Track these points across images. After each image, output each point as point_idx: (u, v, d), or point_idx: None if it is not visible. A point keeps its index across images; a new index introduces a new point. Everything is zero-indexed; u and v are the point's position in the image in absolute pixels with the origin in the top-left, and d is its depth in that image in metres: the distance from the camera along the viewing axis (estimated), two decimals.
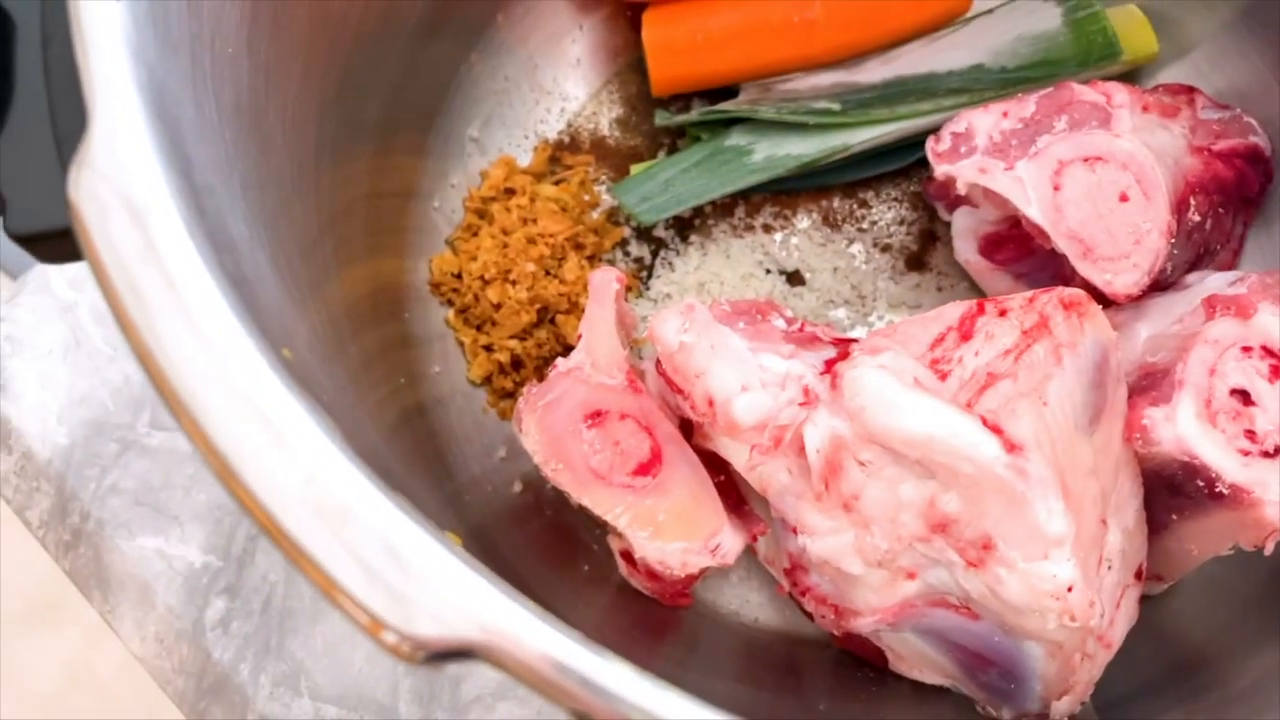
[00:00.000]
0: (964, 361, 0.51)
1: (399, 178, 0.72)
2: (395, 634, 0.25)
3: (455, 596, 0.26)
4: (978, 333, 0.52)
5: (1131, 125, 0.65)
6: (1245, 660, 0.63)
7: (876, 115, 0.74)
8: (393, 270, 0.71)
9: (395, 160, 0.71)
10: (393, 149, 0.70)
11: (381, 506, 0.27)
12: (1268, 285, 0.59)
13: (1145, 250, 0.63)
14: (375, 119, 0.65)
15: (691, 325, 0.58)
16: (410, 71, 0.70)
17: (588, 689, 0.25)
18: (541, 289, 0.73)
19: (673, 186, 0.75)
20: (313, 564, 0.25)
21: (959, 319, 0.52)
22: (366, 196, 0.65)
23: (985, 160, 0.66)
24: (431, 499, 0.63)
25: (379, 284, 0.68)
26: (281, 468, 0.26)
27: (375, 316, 0.66)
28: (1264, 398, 0.55)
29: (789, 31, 0.76)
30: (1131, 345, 0.63)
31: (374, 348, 0.63)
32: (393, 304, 0.70)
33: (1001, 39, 0.74)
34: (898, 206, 0.79)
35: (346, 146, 0.61)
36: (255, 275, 0.35)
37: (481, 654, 0.25)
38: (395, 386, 0.66)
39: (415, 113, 0.73)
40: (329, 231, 0.56)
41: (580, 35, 0.81)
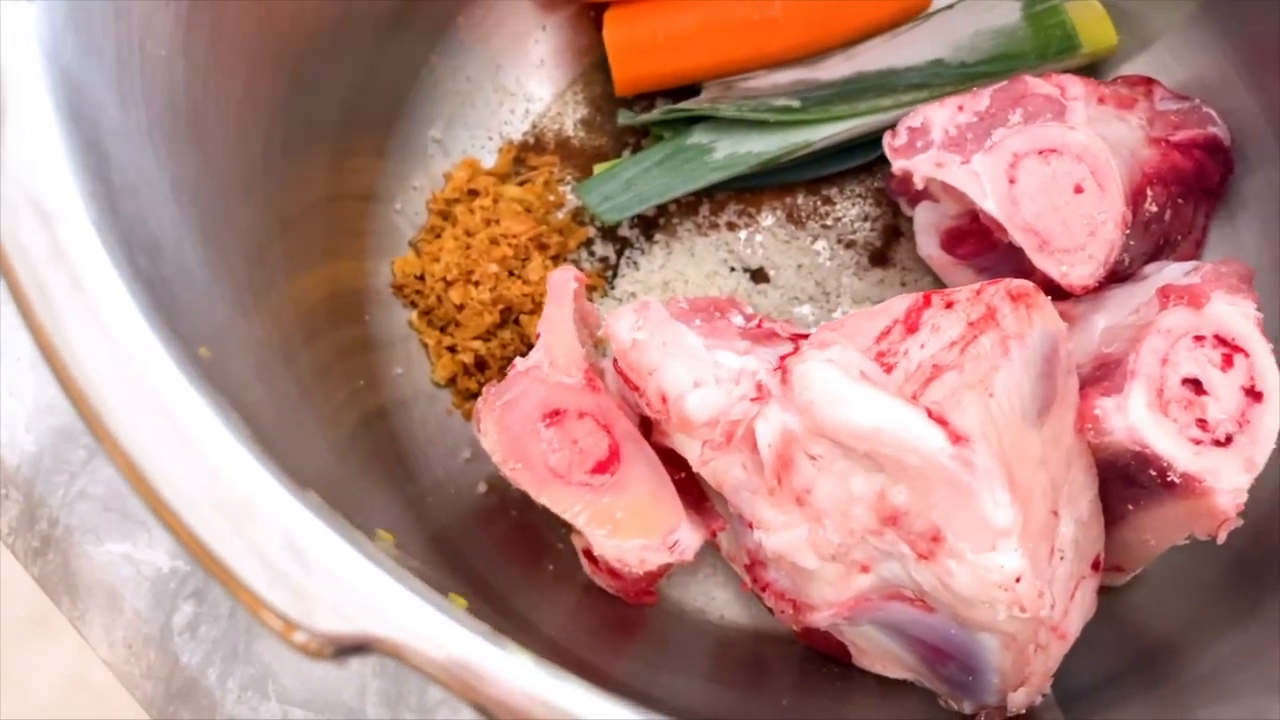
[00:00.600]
0: (909, 354, 0.51)
1: (359, 180, 0.72)
2: (297, 629, 0.25)
3: (357, 591, 0.26)
4: (924, 325, 0.52)
5: (1086, 117, 0.65)
6: (1206, 648, 0.63)
7: (837, 112, 0.74)
8: (352, 273, 0.71)
9: (355, 162, 0.71)
10: (352, 151, 0.70)
11: (285, 503, 0.27)
12: (1221, 274, 0.59)
13: (1100, 241, 0.63)
14: (333, 121, 0.66)
15: (645, 323, 0.58)
16: (369, 73, 0.70)
17: (487, 681, 0.25)
18: (505, 290, 0.73)
19: (635, 185, 0.75)
20: (215, 561, 0.25)
21: (905, 312, 0.52)
22: (325, 199, 0.66)
23: (941, 154, 0.66)
24: (393, 503, 0.63)
25: (337, 287, 0.68)
26: (184, 465, 0.26)
27: (333, 320, 0.66)
28: (1216, 386, 0.55)
29: (749, 29, 0.76)
30: (1088, 336, 0.63)
31: (331, 352, 0.63)
32: (352, 307, 0.70)
33: (960, 34, 0.75)
34: (861, 203, 0.79)
35: (302, 148, 0.61)
36: (179, 276, 0.35)
37: (382, 648, 0.25)
38: (354, 390, 0.66)
39: (375, 114, 0.73)
40: (282, 235, 0.56)
41: (544, 36, 0.82)
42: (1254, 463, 0.53)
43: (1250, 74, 0.73)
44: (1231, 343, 0.56)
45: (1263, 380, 0.55)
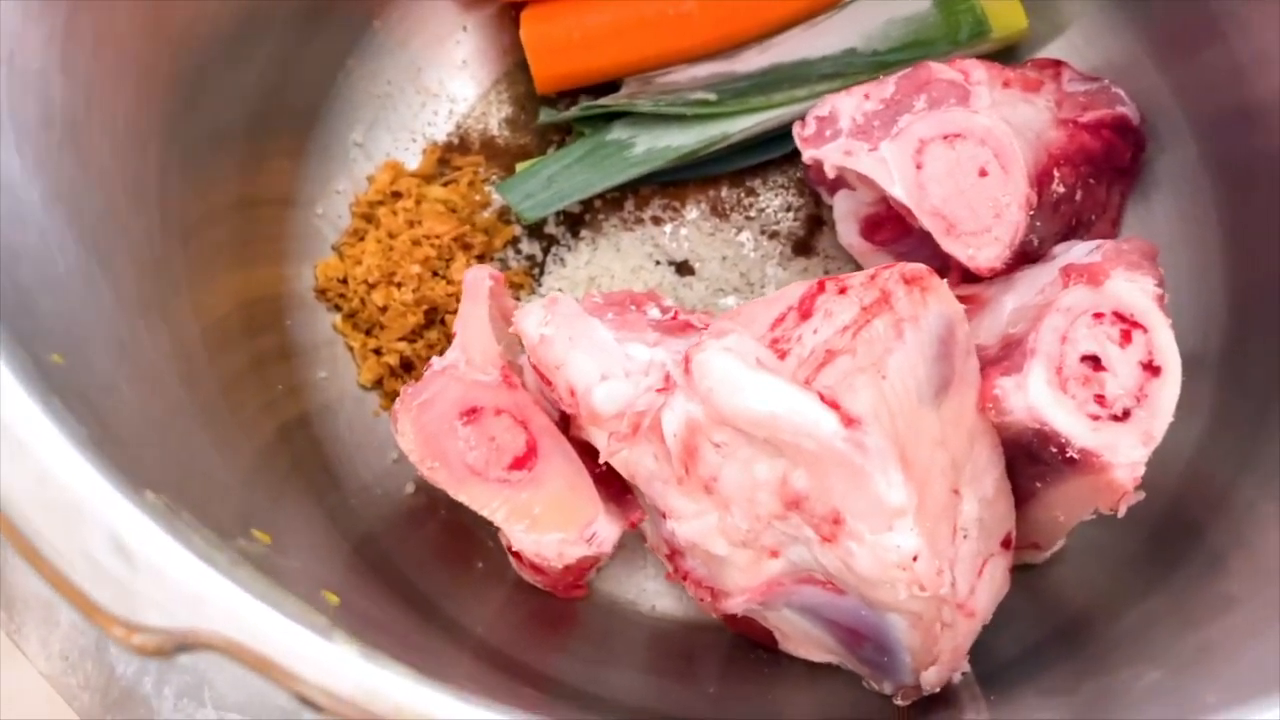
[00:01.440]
0: (803, 340, 0.51)
1: (275, 185, 0.72)
2: (121, 626, 0.25)
3: (183, 589, 0.27)
4: (817, 311, 0.52)
5: (990, 101, 0.66)
6: (1124, 615, 0.64)
7: (753, 103, 0.75)
8: (271, 279, 0.71)
9: (269, 167, 0.71)
10: (265, 157, 0.70)
11: (115, 504, 0.27)
12: (1122, 251, 0.60)
13: (1005, 223, 0.63)
14: (241, 127, 0.66)
15: (553, 318, 0.59)
16: (280, 79, 0.70)
17: (309, 672, 0.26)
18: (428, 290, 0.74)
19: (556, 183, 0.76)
20: (42, 559, 0.25)
21: (800, 298, 0.53)
22: (236, 205, 0.66)
23: (850, 143, 0.66)
24: (316, 512, 0.63)
25: (254, 294, 0.68)
26: (13, 467, 0.26)
27: (248, 328, 0.66)
28: (1114, 362, 0.56)
29: (665, 25, 0.76)
30: (997, 318, 0.64)
31: (246, 361, 0.63)
32: (271, 314, 0.70)
33: (873, 23, 0.75)
34: (784, 193, 0.80)
35: (206, 156, 0.61)
36: (41, 285, 0.35)
37: (208, 644, 0.26)
38: (272, 398, 0.66)
39: (289, 120, 0.73)
40: (184, 243, 0.56)
41: (465, 36, 0.82)
42: (1151, 436, 0.54)
43: (1160, 54, 0.74)
44: (1130, 319, 0.57)
45: (1161, 355, 0.56)
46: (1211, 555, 0.64)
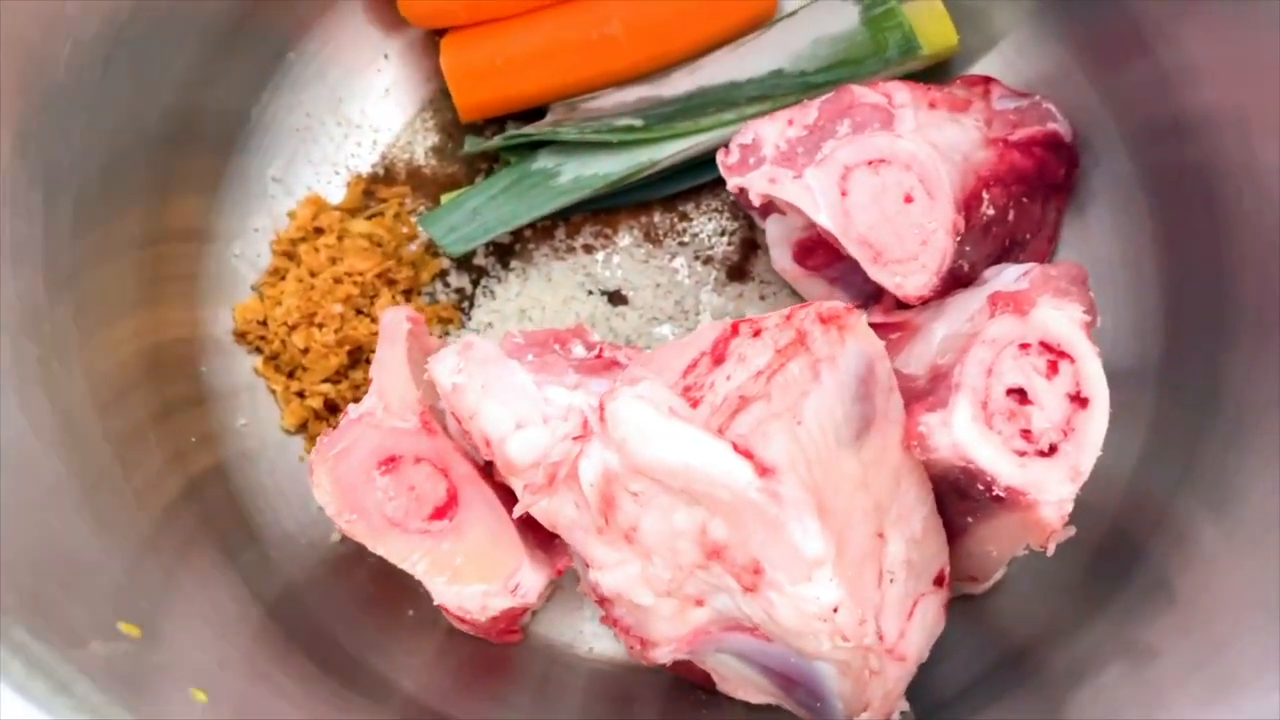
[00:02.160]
0: (715, 386, 0.50)
1: (185, 220, 0.70)
2: None
3: None
4: (730, 355, 0.51)
5: (915, 124, 0.64)
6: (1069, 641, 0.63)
7: (680, 128, 0.73)
8: (182, 321, 0.69)
9: (179, 202, 0.68)
10: (174, 190, 0.68)
11: None
12: (1050, 278, 0.59)
13: (932, 250, 0.62)
14: (144, 159, 0.63)
15: (466, 364, 0.57)
16: (186, 112, 0.67)
17: None
18: (351, 330, 0.72)
19: (480, 215, 0.74)
20: None
21: (712, 343, 0.51)
22: (139, 244, 0.63)
23: (774, 170, 0.65)
24: (224, 576, 0.61)
25: (162, 338, 0.66)
26: None
27: (155, 375, 0.63)
28: (1041, 395, 0.54)
29: (590, 49, 0.75)
30: (927, 346, 0.62)
31: (146, 413, 0.61)
32: (182, 359, 0.68)
33: (800, 42, 0.74)
34: (718, 217, 0.78)
35: (101, 195, 0.59)
36: None
37: None
38: (179, 451, 0.63)
39: (200, 154, 0.71)
40: (73, 287, 0.53)
41: (386, 64, 0.80)
42: (1079, 471, 0.53)
43: (1091, 67, 0.72)
44: (1057, 348, 0.55)
45: (1088, 385, 0.54)
46: (1155, 577, 0.63)
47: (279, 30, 0.74)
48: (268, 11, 0.72)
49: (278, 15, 0.73)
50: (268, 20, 0.72)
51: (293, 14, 0.74)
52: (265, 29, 0.73)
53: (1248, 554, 0.58)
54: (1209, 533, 0.61)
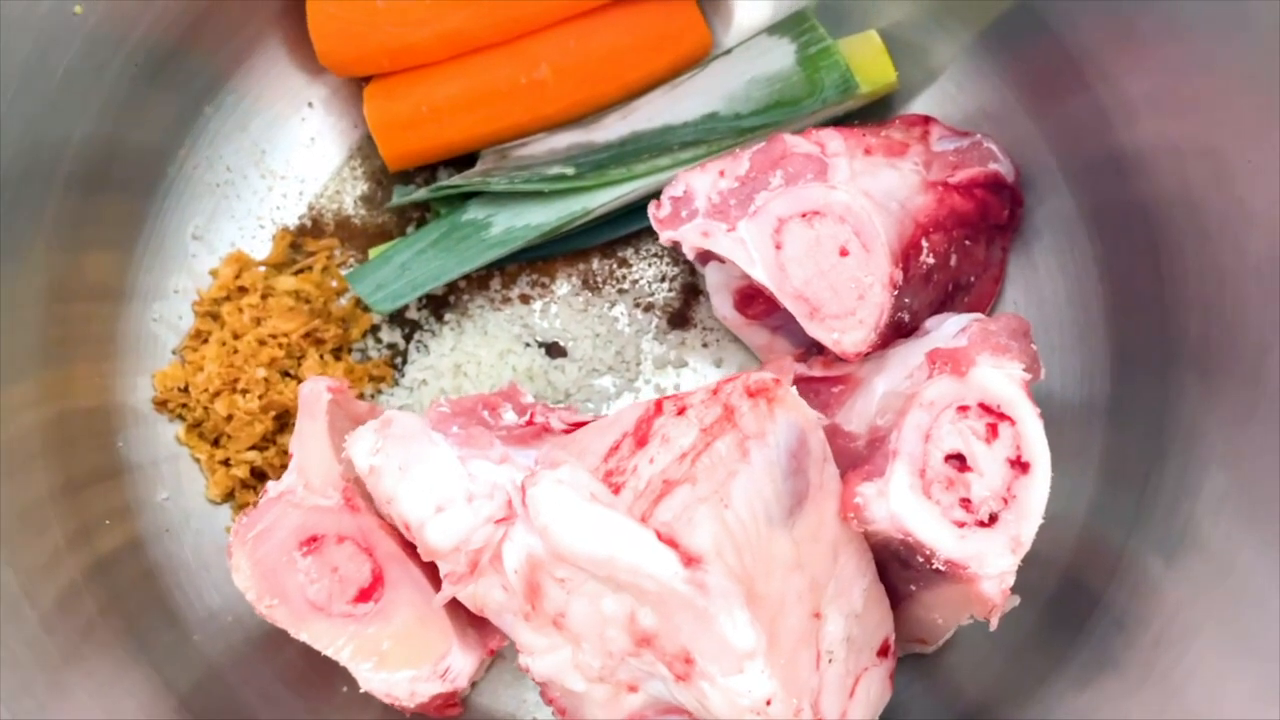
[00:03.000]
0: (639, 470, 0.48)
1: (98, 279, 0.67)
2: None
3: None
4: (653, 437, 0.48)
5: (850, 173, 0.62)
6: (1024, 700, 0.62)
7: (614, 176, 0.71)
8: (95, 389, 0.66)
9: (90, 261, 0.66)
10: (85, 247, 0.65)
11: None
12: (989, 333, 0.57)
13: (870, 305, 0.60)
14: (51, 213, 0.61)
15: (384, 443, 0.55)
16: (102, 159, 0.64)
17: None
18: (276, 394, 0.69)
19: (409, 270, 0.71)
20: None
21: (635, 424, 0.49)
22: (44, 299, 0.61)
23: (707, 223, 0.63)
24: (136, 659, 0.58)
25: (69, 406, 0.63)
26: None
27: (60, 447, 0.61)
28: (980, 461, 0.53)
29: (519, 95, 0.72)
30: (867, 404, 0.60)
31: (46, 490, 0.58)
32: (93, 431, 0.65)
33: (735, 83, 0.71)
34: (658, 263, 0.76)
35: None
36: None
37: None
38: (84, 528, 0.60)
39: (115, 205, 0.67)
40: None
41: (311, 112, 0.77)
42: (1020, 541, 0.51)
43: (1032, 103, 0.70)
44: (996, 410, 0.54)
45: (1028, 449, 0.53)
46: (1112, 624, 0.62)
47: (200, 78, 0.71)
48: (193, 51, 0.69)
49: (199, 61, 0.70)
50: (190, 63, 0.69)
51: (213, 62, 0.71)
52: (188, 73, 0.70)
53: (1206, 596, 0.56)
54: (1165, 577, 0.59)
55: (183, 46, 0.67)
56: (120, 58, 0.64)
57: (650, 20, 0.72)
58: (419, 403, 0.72)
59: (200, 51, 0.69)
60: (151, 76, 0.66)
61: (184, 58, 0.68)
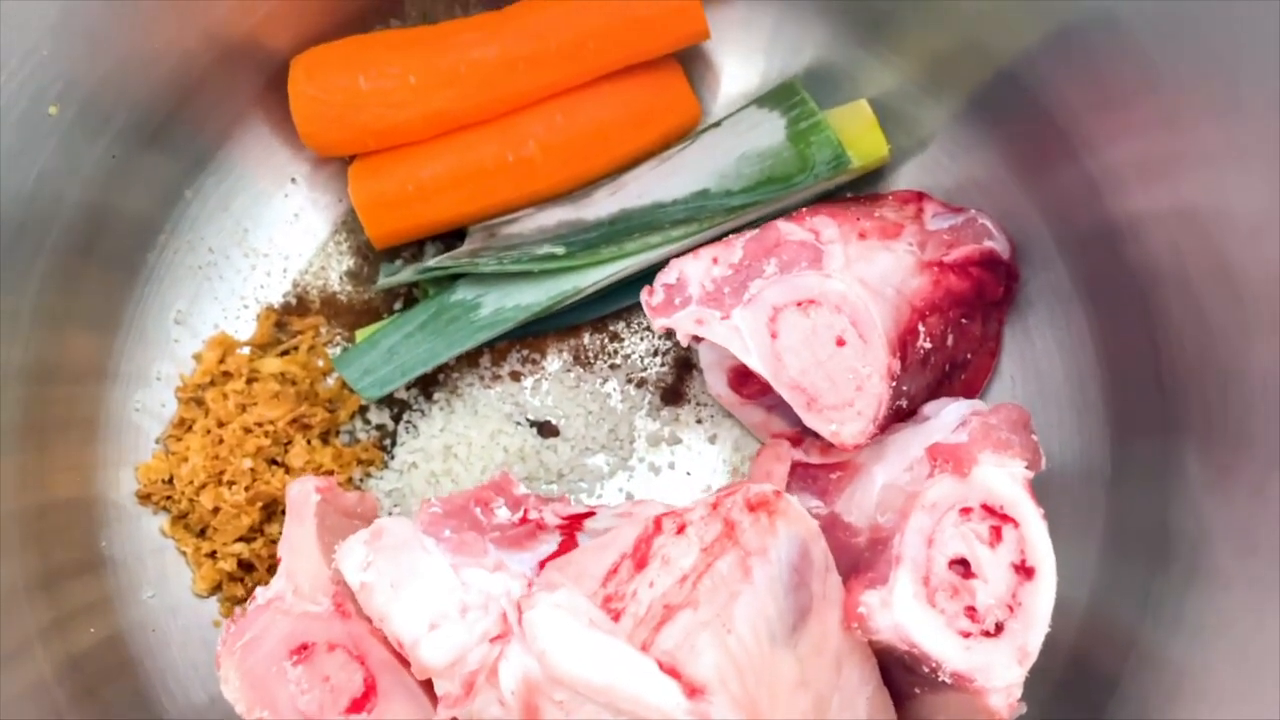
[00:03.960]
0: (639, 595, 0.47)
1: (79, 360, 0.66)
2: None
3: None
4: (653, 558, 0.47)
5: (844, 260, 0.61)
6: None
7: (605, 255, 0.70)
8: (76, 481, 0.64)
9: (73, 341, 0.65)
10: (68, 325, 0.64)
11: None
12: (990, 428, 0.56)
13: (868, 397, 0.59)
14: (37, 284, 0.60)
15: (375, 557, 0.53)
16: (91, 229, 0.63)
17: None
18: (263, 485, 0.67)
19: (397, 355, 0.70)
20: None
21: (634, 544, 0.48)
22: (25, 378, 0.60)
23: (700, 310, 0.62)
24: None
25: (49, 498, 0.61)
26: None
27: (39, 540, 0.60)
28: (985, 566, 0.52)
29: (507, 172, 0.71)
30: (866, 495, 0.60)
31: (21, 580, 0.57)
32: (73, 524, 0.64)
33: (726, 159, 0.70)
34: (650, 337, 0.75)
35: None
36: None
37: None
38: (54, 623, 0.59)
39: (102, 276, 0.66)
40: None
41: (294, 188, 0.76)
42: (1027, 652, 0.50)
43: (1021, 172, 0.70)
44: (1000, 512, 0.53)
45: (1033, 553, 0.52)
46: (1128, 709, 0.61)
47: (180, 162, 0.70)
48: (172, 137, 0.68)
49: (179, 146, 0.69)
50: (170, 149, 0.68)
51: (193, 146, 0.70)
52: (168, 158, 0.69)
53: (1224, 678, 0.55)
54: (1182, 659, 0.58)
55: (161, 134, 0.66)
56: (98, 150, 0.62)
57: (640, 94, 0.71)
58: (409, 486, 0.71)
59: (180, 137, 0.68)
60: (128, 167, 0.65)
61: (163, 145, 0.67)
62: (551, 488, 0.72)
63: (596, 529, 0.61)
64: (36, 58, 0.54)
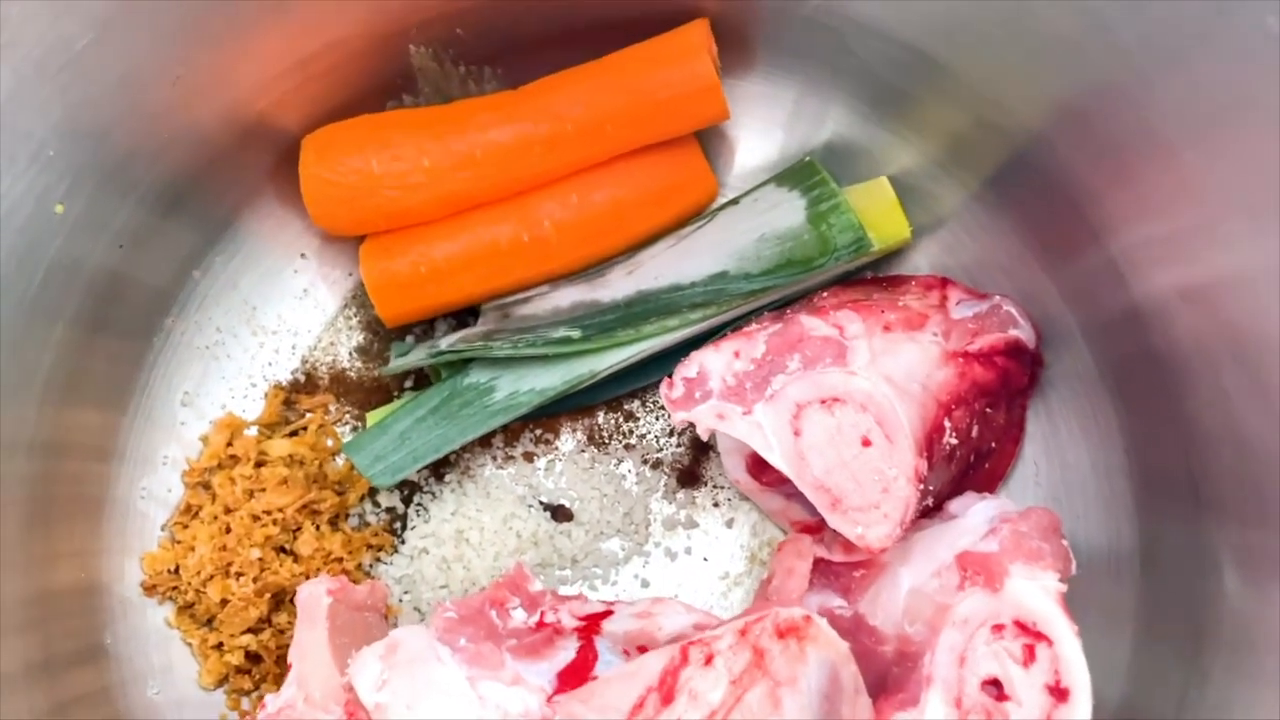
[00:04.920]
0: None
1: (84, 439, 0.65)
2: None
3: None
4: (680, 692, 0.46)
5: (869, 355, 0.60)
6: None
7: (621, 338, 0.68)
8: (78, 567, 0.63)
9: (79, 419, 0.64)
10: (75, 401, 0.63)
11: None
12: (1020, 536, 0.55)
13: (894, 500, 0.58)
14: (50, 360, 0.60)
15: (390, 673, 0.52)
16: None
17: None
18: (272, 575, 0.66)
19: (409, 440, 0.68)
20: None
21: (660, 675, 0.47)
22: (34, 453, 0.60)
23: (721, 405, 0.60)
24: None
25: (51, 584, 0.60)
26: None
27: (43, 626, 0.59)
28: (1018, 687, 0.50)
29: (521, 252, 0.70)
30: (892, 598, 0.58)
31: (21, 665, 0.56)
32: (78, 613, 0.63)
33: (745, 240, 0.69)
34: (665, 416, 0.73)
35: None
36: None
37: None
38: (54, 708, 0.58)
39: (112, 347, 0.66)
40: None
41: (304, 263, 0.74)
42: None
43: (1043, 254, 0.68)
44: (1033, 629, 0.52)
45: (1067, 673, 0.51)
46: None
47: (188, 244, 0.69)
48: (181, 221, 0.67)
49: (188, 230, 0.68)
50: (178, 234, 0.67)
51: (202, 228, 0.69)
52: (176, 242, 0.68)
53: None
54: None
55: (170, 217, 0.65)
56: (104, 240, 0.61)
57: (657, 173, 0.70)
58: (419, 572, 0.70)
59: (189, 218, 0.67)
60: (135, 253, 0.64)
61: (171, 227, 0.66)
62: (565, 574, 0.71)
63: (615, 631, 0.59)
64: (43, 159, 0.53)
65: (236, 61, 0.59)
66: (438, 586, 0.69)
